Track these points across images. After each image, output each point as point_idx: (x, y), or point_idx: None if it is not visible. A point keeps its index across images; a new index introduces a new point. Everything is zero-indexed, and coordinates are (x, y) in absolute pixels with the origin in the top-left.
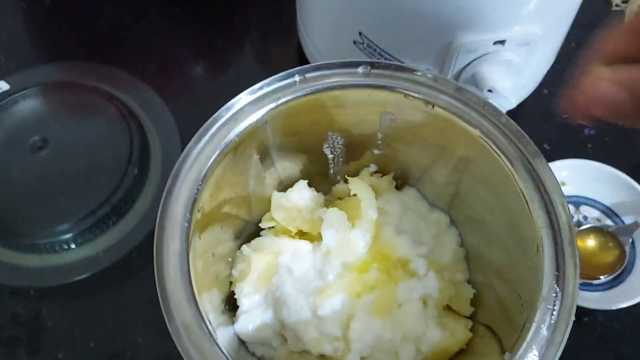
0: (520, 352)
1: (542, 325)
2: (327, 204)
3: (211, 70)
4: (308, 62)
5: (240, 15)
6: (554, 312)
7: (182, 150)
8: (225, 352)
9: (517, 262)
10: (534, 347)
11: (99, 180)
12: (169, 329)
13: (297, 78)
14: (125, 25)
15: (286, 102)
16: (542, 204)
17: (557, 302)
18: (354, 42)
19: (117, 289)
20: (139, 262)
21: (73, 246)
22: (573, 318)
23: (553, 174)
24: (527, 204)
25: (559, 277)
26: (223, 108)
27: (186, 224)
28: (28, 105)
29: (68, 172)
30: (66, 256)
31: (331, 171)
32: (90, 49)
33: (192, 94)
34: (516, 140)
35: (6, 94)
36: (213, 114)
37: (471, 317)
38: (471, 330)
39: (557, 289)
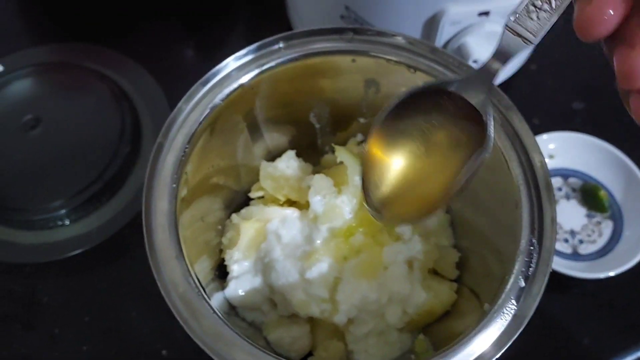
0: (499, 302)
1: (520, 277)
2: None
3: (202, 49)
4: None
5: None
6: (532, 265)
7: None
8: (212, 305)
9: (499, 222)
10: (512, 298)
11: (91, 158)
12: (159, 285)
13: (281, 44)
14: (117, 6)
15: (271, 67)
16: (520, 162)
17: (535, 255)
18: (341, 17)
19: (111, 265)
20: (131, 239)
21: (67, 223)
22: (550, 270)
23: (529, 130)
24: (507, 162)
25: (536, 231)
26: (210, 72)
27: (174, 185)
28: (21, 85)
29: (61, 150)
30: (60, 232)
31: (319, 142)
32: (82, 30)
33: (184, 73)
34: (491, 97)
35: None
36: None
37: (457, 280)
38: (457, 292)
39: (535, 242)
